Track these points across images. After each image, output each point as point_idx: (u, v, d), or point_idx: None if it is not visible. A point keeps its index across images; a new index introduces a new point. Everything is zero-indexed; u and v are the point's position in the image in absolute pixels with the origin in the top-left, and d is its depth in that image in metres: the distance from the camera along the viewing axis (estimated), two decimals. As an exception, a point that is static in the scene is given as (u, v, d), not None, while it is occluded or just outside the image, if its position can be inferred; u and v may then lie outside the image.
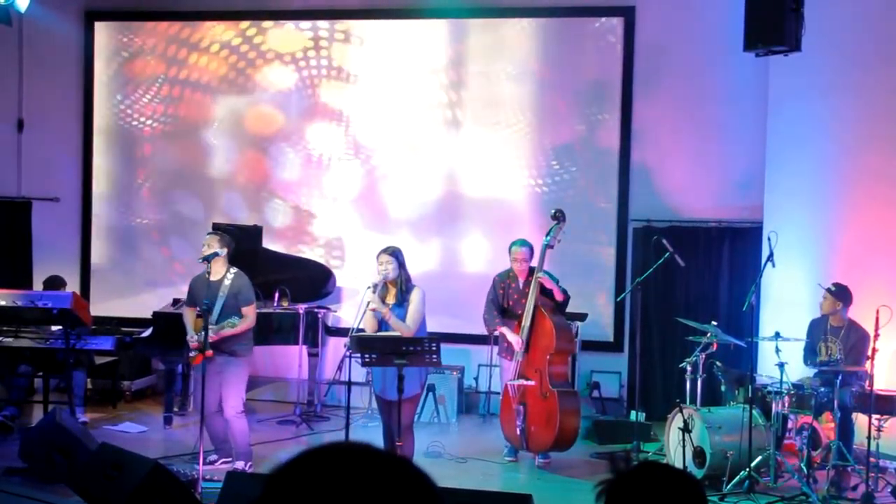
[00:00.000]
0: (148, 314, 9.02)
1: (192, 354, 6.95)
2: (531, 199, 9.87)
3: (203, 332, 6.58)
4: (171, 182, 10.65)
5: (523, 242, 7.74)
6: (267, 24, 10.40)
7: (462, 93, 10.04)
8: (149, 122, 10.64)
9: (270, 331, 8.92)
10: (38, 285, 9.41)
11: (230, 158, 10.51)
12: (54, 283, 9.06)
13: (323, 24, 10.27)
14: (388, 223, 10.04)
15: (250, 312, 7.02)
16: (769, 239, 7.18)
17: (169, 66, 10.58)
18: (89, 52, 10.71)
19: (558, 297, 7.64)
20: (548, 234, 7.71)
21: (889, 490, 6.82)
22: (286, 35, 10.37)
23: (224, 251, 7.02)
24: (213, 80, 10.51)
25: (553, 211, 7.89)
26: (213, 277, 6.99)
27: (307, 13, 10.32)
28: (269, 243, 9.80)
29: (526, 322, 7.53)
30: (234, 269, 7.09)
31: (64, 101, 10.76)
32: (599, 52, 9.82)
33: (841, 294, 7.41)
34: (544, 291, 7.61)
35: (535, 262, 7.67)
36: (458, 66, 10.05)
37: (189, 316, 7.16)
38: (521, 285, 7.71)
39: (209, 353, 6.63)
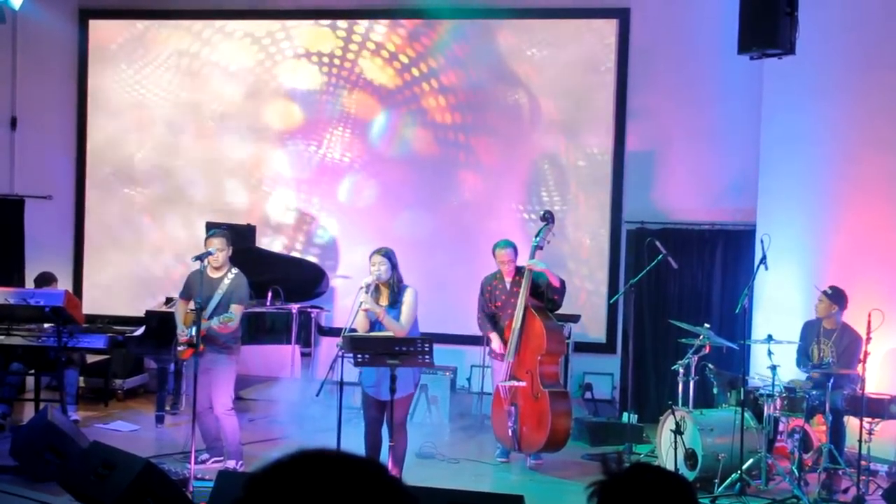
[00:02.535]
0: (140, 313, 9.00)
1: (180, 349, 6.96)
2: (525, 201, 9.87)
3: (194, 328, 6.57)
4: (166, 181, 10.62)
5: (506, 243, 7.74)
6: (264, 22, 10.41)
7: (453, 95, 10.02)
8: (145, 114, 10.62)
9: (263, 330, 8.92)
10: (30, 283, 9.38)
11: (228, 155, 10.49)
12: (45, 279, 9.03)
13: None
14: (380, 226, 10.02)
15: (237, 311, 7.01)
16: (762, 242, 7.17)
17: (166, 60, 10.58)
18: (83, 50, 10.70)
19: (554, 281, 7.60)
20: (537, 236, 7.70)
21: (880, 493, 6.83)
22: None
23: (226, 250, 7.02)
24: (217, 74, 10.50)
25: (542, 212, 7.90)
26: (212, 274, 7.00)
27: (304, 13, 10.32)
28: (265, 241, 9.80)
29: (516, 323, 7.53)
30: (234, 269, 7.10)
31: (57, 98, 10.74)
32: (593, 53, 9.81)
33: (837, 297, 7.41)
34: (535, 291, 7.60)
35: (522, 262, 7.67)
36: (448, 68, 10.04)
37: (181, 309, 7.15)
38: (507, 286, 7.72)
39: (201, 347, 6.63)
